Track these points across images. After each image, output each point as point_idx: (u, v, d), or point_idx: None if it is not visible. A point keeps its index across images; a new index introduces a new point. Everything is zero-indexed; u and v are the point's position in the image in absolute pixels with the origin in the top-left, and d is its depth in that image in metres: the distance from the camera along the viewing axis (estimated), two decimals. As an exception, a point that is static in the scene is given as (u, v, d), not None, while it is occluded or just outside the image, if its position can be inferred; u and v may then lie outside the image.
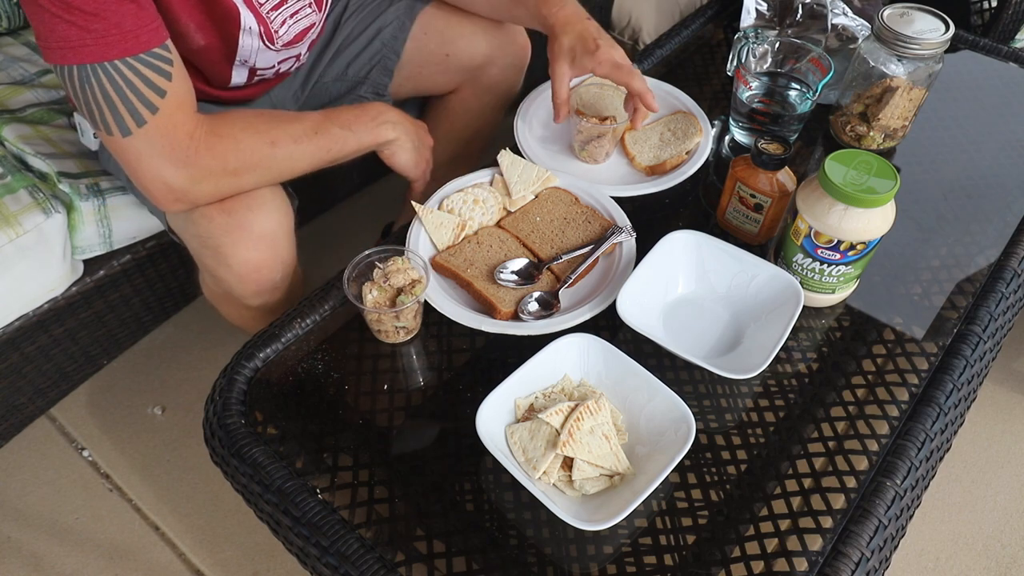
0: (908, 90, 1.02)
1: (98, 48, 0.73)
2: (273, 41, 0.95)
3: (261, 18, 0.91)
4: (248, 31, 0.91)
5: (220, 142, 0.82)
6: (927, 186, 1.06)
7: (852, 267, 0.83)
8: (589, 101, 1.05)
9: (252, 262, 0.90)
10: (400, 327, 0.83)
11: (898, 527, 0.73)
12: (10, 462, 1.27)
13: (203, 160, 0.82)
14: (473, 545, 0.69)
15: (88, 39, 0.72)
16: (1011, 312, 0.94)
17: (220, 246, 0.89)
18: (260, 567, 1.17)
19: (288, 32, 0.96)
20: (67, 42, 0.72)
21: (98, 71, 0.74)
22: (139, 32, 0.74)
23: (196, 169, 0.82)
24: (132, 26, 0.74)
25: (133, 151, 0.80)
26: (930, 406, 0.79)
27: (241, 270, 0.90)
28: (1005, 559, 1.21)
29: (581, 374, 0.79)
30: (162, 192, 0.83)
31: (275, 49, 0.97)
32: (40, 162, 1.08)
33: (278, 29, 0.94)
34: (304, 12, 0.97)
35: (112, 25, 0.72)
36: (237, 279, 0.92)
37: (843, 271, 0.83)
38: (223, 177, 0.84)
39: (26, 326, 1.12)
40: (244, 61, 0.97)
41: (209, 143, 0.82)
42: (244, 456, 0.74)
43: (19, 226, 1.02)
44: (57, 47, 0.73)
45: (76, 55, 0.73)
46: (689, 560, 0.69)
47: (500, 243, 0.92)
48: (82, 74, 0.74)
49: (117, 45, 0.73)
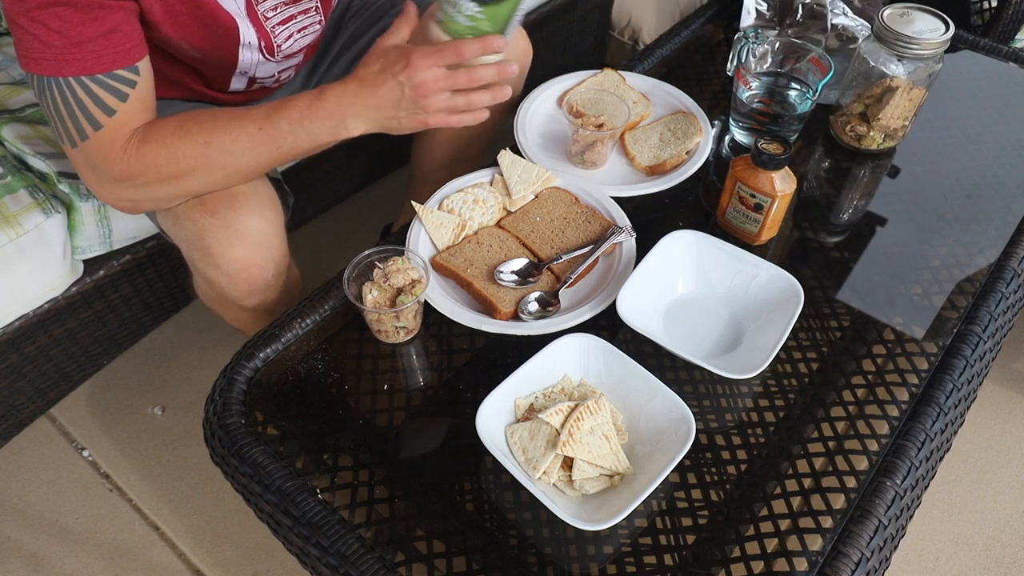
0: (908, 90, 1.02)
1: (56, 64, 0.74)
2: (274, 54, 0.94)
3: (264, 32, 0.90)
4: (248, 45, 0.91)
5: (150, 149, 0.80)
6: (927, 186, 1.06)
7: (482, 11, 0.75)
8: (584, 106, 1.05)
9: (240, 261, 0.89)
10: (400, 327, 0.83)
11: (898, 527, 0.73)
12: (10, 462, 1.27)
13: (136, 170, 0.81)
14: (473, 545, 0.69)
15: (48, 53, 0.73)
16: (1011, 312, 0.94)
17: (208, 247, 0.89)
18: (260, 567, 1.17)
19: (293, 45, 0.96)
20: (30, 52, 0.74)
21: (53, 85, 0.75)
22: (101, 54, 0.75)
23: (133, 180, 0.82)
24: (96, 47, 0.74)
25: (80, 163, 0.82)
26: (930, 406, 0.79)
27: (230, 269, 0.90)
28: (1005, 559, 1.21)
29: (581, 374, 0.79)
30: (113, 201, 0.85)
31: (275, 61, 0.97)
32: (40, 162, 1.08)
33: (282, 44, 0.93)
34: (312, 28, 0.97)
35: (73, 44, 0.73)
36: (228, 279, 0.91)
37: (474, 11, 0.76)
38: (161, 184, 0.83)
39: (26, 326, 1.12)
40: (244, 72, 0.97)
41: (140, 152, 0.80)
42: (244, 456, 0.74)
43: (19, 226, 1.02)
44: (23, 54, 0.75)
45: (36, 66, 0.75)
46: (689, 560, 0.69)
47: (500, 243, 0.92)
48: (40, 84, 0.76)
49: (75, 63, 0.74)
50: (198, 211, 0.88)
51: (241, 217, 0.88)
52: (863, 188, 1.07)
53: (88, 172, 0.83)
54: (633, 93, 1.13)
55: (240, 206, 0.88)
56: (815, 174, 1.08)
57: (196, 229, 0.88)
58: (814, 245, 0.98)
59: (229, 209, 0.88)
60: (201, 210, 0.88)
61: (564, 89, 1.13)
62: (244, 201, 0.89)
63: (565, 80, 1.14)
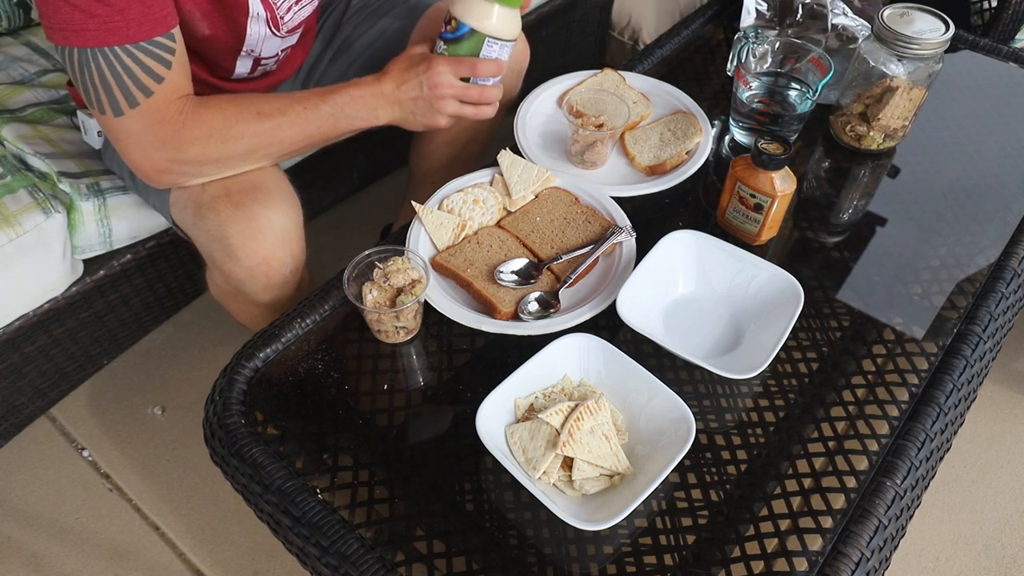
0: (908, 90, 1.02)
1: (100, 33, 0.74)
2: (279, 27, 0.96)
3: (268, 4, 0.92)
4: (256, 17, 0.92)
5: (207, 112, 0.84)
6: (927, 186, 1.06)
7: (446, 47, 0.90)
8: (584, 106, 1.05)
9: (261, 254, 0.90)
10: (400, 327, 0.83)
11: (898, 527, 0.73)
12: (10, 462, 1.27)
13: (188, 134, 0.83)
14: (473, 545, 0.69)
15: (91, 23, 0.73)
16: (1011, 312, 0.94)
17: (229, 238, 0.89)
18: (260, 567, 1.17)
19: (294, 18, 0.97)
20: (70, 24, 0.73)
21: (98, 55, 0.75)
22: (143, 20, 0.75)
23: (181, 144, 0.83)
24: (136, 14, 0.75)
25: (124, 129, 0.82)
26: (930, 406, 0.79)
27: (250, 263, 0.90)
28: (1005, 559, 1.21)
29: (581, 374, 0.79)
30: (149, 168, 0.85)
31: (280, 35, 0.97)
32: (40, 162, 1.08)
33: (284, 15, 0.95)
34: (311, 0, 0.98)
35: (116, 11, 0.73)
36: (247, 273, 0.92)
37: (441, 47, 0.90)
38: (209, 142, 0.85)
39: (26, 326, 1.12)
40: (251, 51, 0.97)
41: (196, 115, 0.83)
42: (244, 456, 0.74)
43: (19, 226, 1.02)
44: (59, 28, 0.74)
45: (78, 38, 0.74)
46: (689, 560, 0.69)
47: (500, 243, 0.92)
48: (82, 57, 0.76)
49: (119, 32, 0.74)
50: (223, 202, 0.89)
51: (265, 211, 0.89)
52: (863, 188, 1.07)
53: (132, 139, 0.83)
54: (633, 93, 1.13)
55: (265, 199, 0.89)
56: (815, 174, 1.08)
57: (219, 220, 0.89)
58: (814, 245, 0.98)
59: (254, 202, 0.89)
60: (226, 201, 0.89)
61: (564, 89, 1.13)
62: (269, 195, 0.90)
63: (565, 80, 1.14)
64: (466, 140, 1.23)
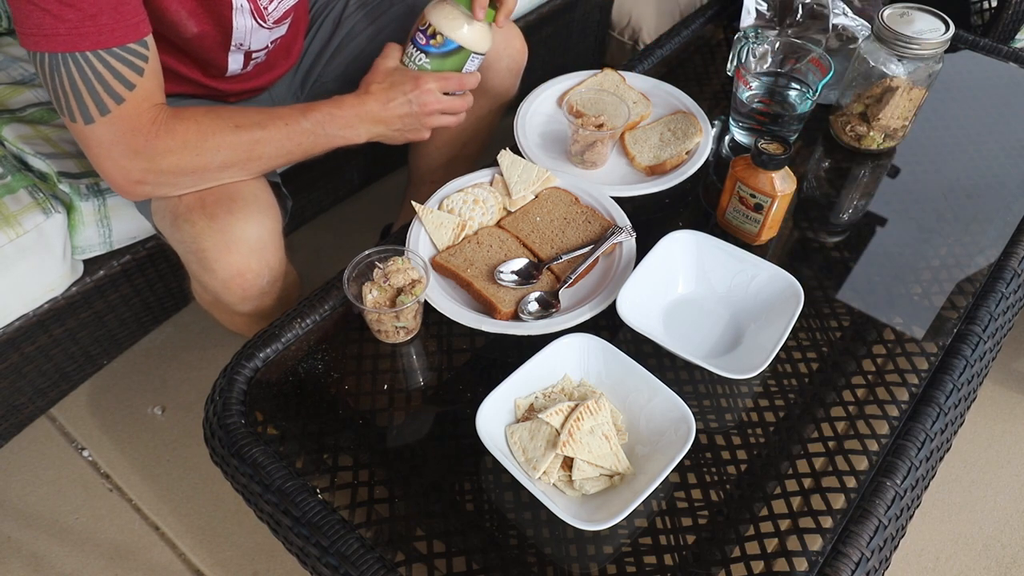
0: (908, 90, 1.02)
1: (70, 39, 0.73)
2: (264, 18, 0.95)
3: None
4: (240, 9, 0.91)
5: (181, 124, 0.83)
6: (927, 186, 1.06)
7: (429, 60, 0.92)
8: (584, 107, 1.05)
9: (236, 267, 0.89)
10: (400, 327, 0.83)
11: (898, 527, 0.73)
12: (10, 462, 1.27)
13: (162, 144, 0.82)
14: (473, 545, 0.69)
15: (61, 28, 0.73)
16: (1011, 312, 0.94)
17: (203, 251, 0.89)
18: (260, 567, 1.17)
19: (279, 7, 0.96)
20: (40, 29, 0.73)
21: (68, 60, 0.75)
22: (114, 26, 0.75)
23: (155, 155, 0.82)
24: (108, 20, 0.74)
25: (94, 138, 0.81)
26: (930, 406, 0.79)
27: (225, 275, 0.90)
28: (1005, 559, 1.21)
29: (581, 374, 0.79)
30: (122, 178, 0.84)
31: (267, 27, 0.97)
32: (40, 162, 1.08)
33: (267, 6, 0.94)
34: None
35: (87, 17, 0.73)
36: (222, 285, 0.91)
37: (423, 60, 0.93)
38: (184, 153, 0.84)
39: (26, 326, 1.12)
40: (240, 45, 0.97)
41: (170, 126, 0.82)
42: (244, 456, 0.74)
43: (19, 226, 1.02)
44: (30, 33, 0.74)
45: (48, 43, 0.74)
46: (689, 560, 0.69)
47: (500, 243, 0.92)
48: (53, 62, 0.75)
49: (89, 37, 0.74)
50: (197, 213, 0.88)
51: (239, 223, 0.88)
52: (863, 188, 1.07)
53: (103, 147, 0.81)
54: (633, 93, 1.13)
55: (239, 211, 0.88)
56: (815, 174, 1.08)
57: (193, 232, 0.88)
58: (814, 245, 0.98)
59: (227, 214, 0.88)
60: (201, 212, 0.88)
61: (564, 89, 1.13)
62: (243, 207, 0.89)
63: (565, 80, 1.14)
64: (466, 140, 1.23)
